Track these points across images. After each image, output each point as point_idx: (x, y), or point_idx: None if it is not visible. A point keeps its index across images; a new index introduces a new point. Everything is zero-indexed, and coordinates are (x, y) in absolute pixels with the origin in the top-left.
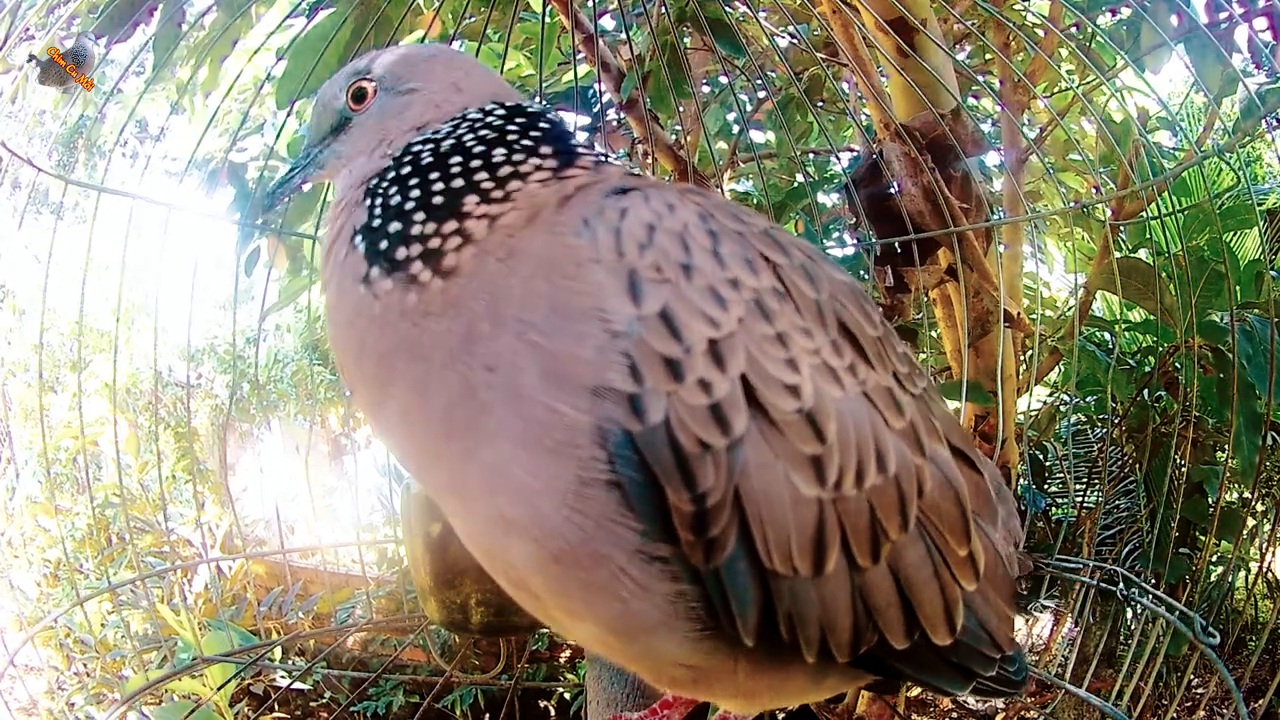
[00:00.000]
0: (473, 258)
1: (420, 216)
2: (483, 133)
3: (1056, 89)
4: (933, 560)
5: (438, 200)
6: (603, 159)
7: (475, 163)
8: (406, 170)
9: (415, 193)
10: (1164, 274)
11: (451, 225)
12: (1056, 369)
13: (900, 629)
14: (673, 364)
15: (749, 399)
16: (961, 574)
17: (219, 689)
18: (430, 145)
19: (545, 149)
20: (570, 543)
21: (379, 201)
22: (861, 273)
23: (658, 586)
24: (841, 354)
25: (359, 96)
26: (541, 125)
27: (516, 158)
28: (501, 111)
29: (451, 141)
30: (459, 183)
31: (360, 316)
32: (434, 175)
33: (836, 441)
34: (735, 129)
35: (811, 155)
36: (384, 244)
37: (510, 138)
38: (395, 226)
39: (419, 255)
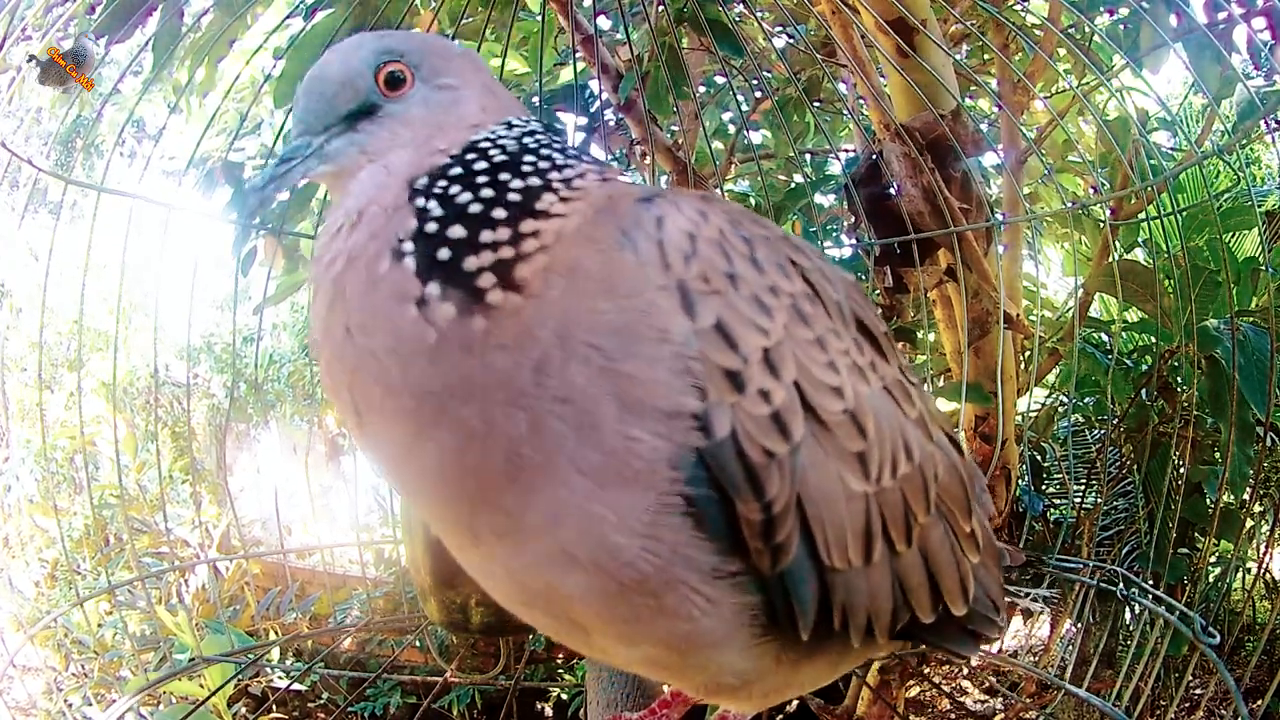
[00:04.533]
0: (542, 272)
1: (499, 214)
2: (540, 138)
3: (1055, 89)
4: (949, 539)
5: (514, 197)
6: (604, 166)
7: (545, 164)
8: (481, 166)
9: (488, 191)
10: (1162, 275)
11: (530, 225)
12: (1054, 370)
13: (928, 605)
14: (733, 375)
15: (802, 404)
16: (969, 548)
17: (217, 690)
18: (499, 144)
19: (586, 157)
20: (643, 572)
21: (437, 203)
22: (860, 274)
23: (727, 601)
24: (863, 351)
25: (394, 82)
26: (563, 139)
27: (572, 160)
28: (535, 124)
29: (514, 144)
30: (535, 181)
31: (404, 346)
32: (506, 174)
33: (876, 437)
34: (732, 129)
35: (809, 155)
36: (445, 252)
37: (557, 144)
38: (458, 231)
39: (491, 265)
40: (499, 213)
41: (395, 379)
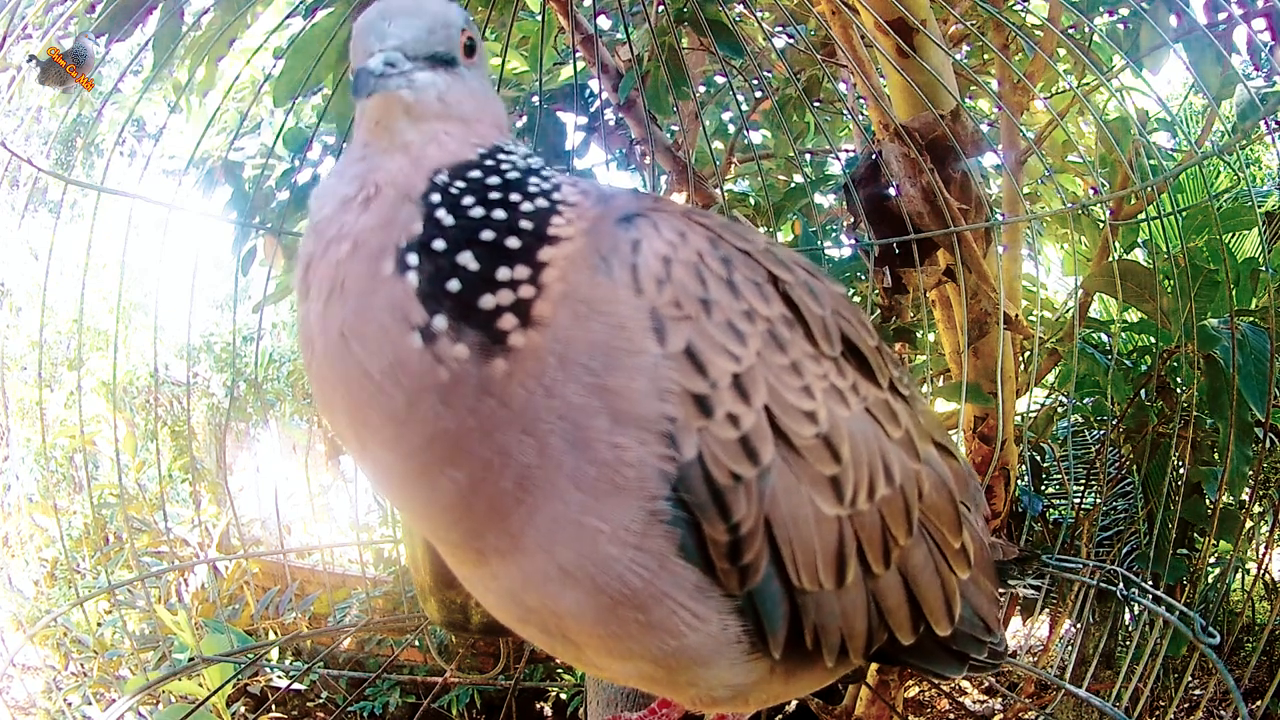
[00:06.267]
0: (558, 299)
1: (513, 244)
2: (537, 160)
3: (1055, 89)
4: (933, 558)
5: (526, 224)
6: (575, 180)
7: (547, 184)
8: (494, 181)
9: (499, 213)
10: (1162, 275)
11: (547, 253)
12: (1054, 370)
13: (908, 626)
14: (701, 400)
15: (772, 428)
16: (957, 564)
17: (217, 690)
18: (511, 159)
19: (560, 171)
20: (632, 586)
21: (447, 211)
22: (860, 274)
23: (714, 618)
24: (844, 373)
25: (469, 49)
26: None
27: (560, 179)
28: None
29: (522, 161)
30: (543, 203)
31: (407, 378)
32: (516, 195)
33: (851, 460)
34: (732, 129)
35: (809, 155)
36: (454, 284)
37: (541, 161)
38: (470, 262)
39: (512, 305)
40: (513, 242)
41: (398, 410)
